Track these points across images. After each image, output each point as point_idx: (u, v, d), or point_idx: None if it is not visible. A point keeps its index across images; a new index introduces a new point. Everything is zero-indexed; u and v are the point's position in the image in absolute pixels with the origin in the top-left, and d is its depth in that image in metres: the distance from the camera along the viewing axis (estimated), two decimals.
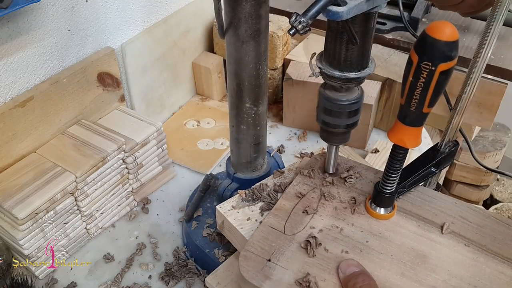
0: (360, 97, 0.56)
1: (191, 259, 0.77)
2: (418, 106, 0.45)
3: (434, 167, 0.60)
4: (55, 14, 0.77)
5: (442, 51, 0.41)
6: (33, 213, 0.68)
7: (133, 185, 0.85)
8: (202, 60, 1.11)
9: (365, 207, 0.59)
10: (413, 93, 0.44)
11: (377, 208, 0.58)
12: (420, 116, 0.47)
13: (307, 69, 0.99)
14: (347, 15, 0.45)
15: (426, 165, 0.59)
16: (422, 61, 0.42)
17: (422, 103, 0.45)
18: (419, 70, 0.42)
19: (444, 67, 0.42)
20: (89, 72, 0.84)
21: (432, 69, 0.42)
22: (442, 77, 0.42)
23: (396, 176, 0.54)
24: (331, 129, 0.58)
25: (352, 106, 0.55)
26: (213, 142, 1.02)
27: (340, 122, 0.57)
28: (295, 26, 0.43)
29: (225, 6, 0.58)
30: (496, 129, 1.65)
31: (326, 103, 0.55)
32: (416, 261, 0.53)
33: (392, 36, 1.05)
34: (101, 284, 0.75)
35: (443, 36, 0.40)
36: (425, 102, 0.45)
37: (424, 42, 0.41)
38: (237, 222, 0.63)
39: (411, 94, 0.45)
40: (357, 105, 0.56)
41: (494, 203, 1.72)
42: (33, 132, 0.77)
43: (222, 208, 0.65)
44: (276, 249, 0.54)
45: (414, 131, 0.49)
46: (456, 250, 0.54)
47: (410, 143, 0.50)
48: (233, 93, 0.66)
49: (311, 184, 0.63)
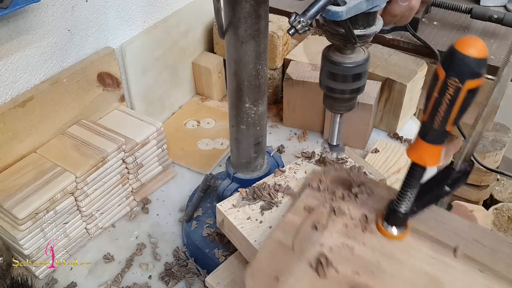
0: (366, 59, 0.53)
1: (191, 259, 0.77)
2: (442, 123, 0.43)
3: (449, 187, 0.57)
4: (55, 14, 0.77)
5: (471, 67, 0.39)
6: (33, 213, 0.68)
7: (133, 185, 0.86)
8: (202, 60, 1.11)
9: (376, 226, 0.56)
10: (437, 110, 0.43)
11: (389, 227, 0.55)
12: (442, 134, 0.45)
13: (307, 69, 0.99)
14: (346, 14, 0.45)
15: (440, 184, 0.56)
16: (449, 76, 0.40)
17: (446, 120, 0.43)
18: (445, 86, 0.41)
19: (472, 84, 0.40)
20: (89, 72, 0.84)
21: (459, 86, 0.40)
22: (470, 95, 0.41)
23: (412, 195, 0.52)
24: (336, 95, 0.55)
25: (358, 69, 0.52)
26: (213, 142, 1.02)
27: (345, 87, 0.54)
28: (295, 26, 0.43)
29: (225, 6, 0.58)
30: (496, 129, 1.65)
31: (331, 66, 0.52)
32: (430, 286, 0.51)
33: (392, 36, 1.05)
34: (101, 284, 0.75)
35: (473, 52, 0.39)
36: (449, 119, 0.43)
37: (452, 57, 0.40)
38: (237, 221, 0.63)
39: (434, 111, 0.43)
40: (363, 67, 0.53)
41: (494, 203, 1.72)
42: (33, 132, 0.77)
43: (223, 206, 0.65)
44: (284, 267, 0.52)
45: (435, 149, 0.47)
46: (470, 275, 0.52)
47: (430, 161, 0.48)
48: (233, 93, 0.66)
49: (321, 198, 0.60)
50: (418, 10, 0.61)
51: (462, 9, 1.07)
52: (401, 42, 1.04)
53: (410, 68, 0.98)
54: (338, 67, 0.52)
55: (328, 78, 0.53)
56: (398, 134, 1.02)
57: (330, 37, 0.51)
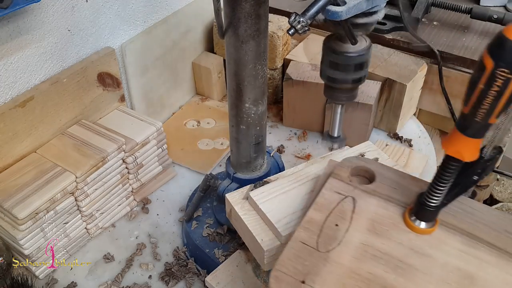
0: (368, 48, 0.52)
1: (191, 259, 0.77)
2: (486, 116, 0.41)
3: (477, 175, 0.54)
4: (55, 14, 0.77)
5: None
6: (33, 213, 0.68)
7: (133, 185, 0.86)
8: (202, 60, 1.11)
9: (403, 220, 0.54)
10: (481, 102, 0.40)
11: (417, 221, 0.53)
12: (484, 127, 0.43)
13: (307, 69, 0.99)
14: (346, 14, 0.45)
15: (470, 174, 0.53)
16: (498, 67, 0.37)
17: (490, 113, 0.40)
18: (493, 77, 0.38)
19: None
20: (89, 72, 0.84)
21: (509, 77, 0.37)
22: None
23: (444, 189, 0.50)
24: (337, 84, 0.54)
25: (359, 59, 0.52)
26: (213, 142, 1.02)
27: (346, 76, 0.53)
28: (294, 26, 0.43)
29: (225, 6, 0.58)
30: None
31: (332, 55, 0.52)
32: (463, 282, 0.48)
33: (392, 36, 1.05)
34: (101, 284, 0.75)
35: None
36: (494, 112, 0.40)
37: (502, 46, 0.37)
38: (243, 211, 0.63)
39: (479, 103, 0.40)
40: (365, 57, 0.52)
41: (494, 203, 1.72)
42: (33, 132, 0.78)
43: (231, 196, 0.65)
44: (310, 269, 0.49)
45: (474, 143, 0.44)
46: (505, 270, 0.49)
47: (468, 155, 0.45)
48: (233, 93, 0.66)
49: (343, 192, 0.57)
50: None
51: (462, 9, 1.07)
52: (401, 42, 1.04)
53: (410, 68, 0.98)
54: (340, 56, 0.51)
55: (329, 68, 0.53)
56: (398, 134, 1.02)
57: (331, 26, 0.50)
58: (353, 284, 0.48)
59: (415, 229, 0.53)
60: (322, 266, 0.50)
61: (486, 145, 0.54)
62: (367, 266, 0.49)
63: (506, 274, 0.49)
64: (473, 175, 0.54)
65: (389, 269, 0.49)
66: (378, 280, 0.48)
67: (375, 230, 0.53)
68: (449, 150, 0.46)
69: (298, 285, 0.48)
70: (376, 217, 0.55)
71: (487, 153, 0.54)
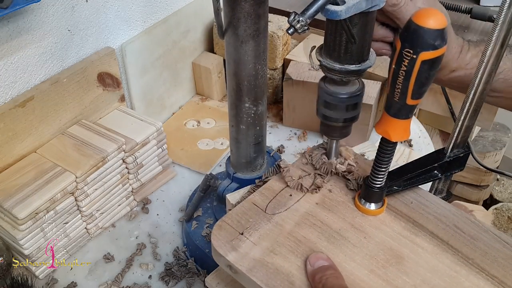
0: (360, 90, 0.54)
1: (191, 259, 0.77)
2: (401, 96, 0.43)
3: (438, 171, 0.57)
4: (55, 14, 0.77)
5: (425, 38, 0.39)
6: (33, 213, 0.68)
7: (133, 185, 0.86)
8: (202, 60, 1.11)
9: (353, 201, 0.58)
10: (395, 82, 0.43)
11: (366, 203, 0.56)
12: (404, 107, 0.45)
13: (307, 69, 0.99)
14: (345, 14, 0.45)
15: (427, 167, 0.57)
16: (404, 48, 0.40)
17: (405, 93, 0.43)
18: (401, 57, 0.41)
19: (427, 56, 0.40)
20: (89, 72, 0.84)
21: (414, 57, 0.40)
22: (425, 67, 0.40)
23: (384, 170, 0.52)
24: (330, 122, 0.57)
25: (352, 100, 0.54)
26: (213, 142, 1.02)
27: (339, 116, 0.55)
28: (294, 25, 0.43)
29: (224, 6, 0.58)
30: (496, 129, 1.65)
31: (326, 96, 0.54)
32: (390, 260, 0.51)
33: None
34: (101, 284, 0.75)
35: (427, 23, 0.38)
36: (408, 92, 0.43)
37: (408, 28, 0.39)
38: None
39: (394, 83, 0.43)
40: (357, 98, 0.54)
41: (494, 203, 1.72)
42: (33, 132, 0.78)
43: (231, 196, 0.65)
44: (252, 225, 0.54)
45: (400, 124, 0.47)
46: (438, 258, 0.52)
47: (395, 136, 0.48)
48: (233, 93, 0.66)
49: (308, 170, 0.62)
50: None
51: (462, 9, 1.07)
52: None
53: None
54: (333, 97, 0.54)
55: (323, 107, 0.56)
56: None
57: (326, 71, 0.53)
58: (285, 242, 0.53)
59: (361, 209, 0.57)
60: (264, 225, 0.55)
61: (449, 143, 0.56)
62: (303, 231, 0.54)
63: (437, 261, 0.52)
64: (434, 170, 0.57)
65: (323, 237, 0.53)
66: (309, 243, 0.53)
67: (324, 204, 0.58)
68: (379, 130, 0.49)
69: (236, 235, 0.53)
70: (330, 194, 0.59)
71: (447, 150, 0.56)
